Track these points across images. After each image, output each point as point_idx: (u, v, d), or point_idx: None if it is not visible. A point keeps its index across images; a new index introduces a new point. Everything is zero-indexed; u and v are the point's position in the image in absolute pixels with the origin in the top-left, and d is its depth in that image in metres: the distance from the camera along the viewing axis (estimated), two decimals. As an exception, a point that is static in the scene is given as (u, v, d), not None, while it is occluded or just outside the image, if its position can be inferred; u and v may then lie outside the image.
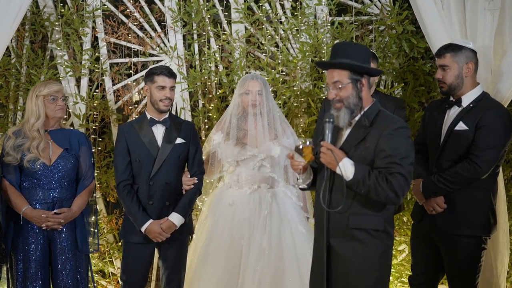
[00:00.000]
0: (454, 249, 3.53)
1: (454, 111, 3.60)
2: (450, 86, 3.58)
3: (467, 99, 3.57)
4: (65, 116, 3.70)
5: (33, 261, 3.58)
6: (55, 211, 3.58)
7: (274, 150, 3.92)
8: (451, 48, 3.57)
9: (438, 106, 3.74)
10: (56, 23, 4.76)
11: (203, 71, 4.81)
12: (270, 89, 4.11)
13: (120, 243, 4.77)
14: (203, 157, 3.97)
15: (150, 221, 3.60)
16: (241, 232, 3.80)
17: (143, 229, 3.60)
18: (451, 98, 3.66)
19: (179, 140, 3.70)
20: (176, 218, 3.66)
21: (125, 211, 3.70)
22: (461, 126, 3.51)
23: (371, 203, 2.85)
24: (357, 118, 2.90)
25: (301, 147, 2.89)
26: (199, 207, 4.33)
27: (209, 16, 4.81)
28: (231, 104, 4.05)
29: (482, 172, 3.47)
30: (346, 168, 2.79)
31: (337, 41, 4.77)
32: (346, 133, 2.94)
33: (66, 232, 3.65)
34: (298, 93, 4.76)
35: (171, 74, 3.66)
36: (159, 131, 3.69)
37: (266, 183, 3.93)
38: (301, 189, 3.15)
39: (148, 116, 3.69)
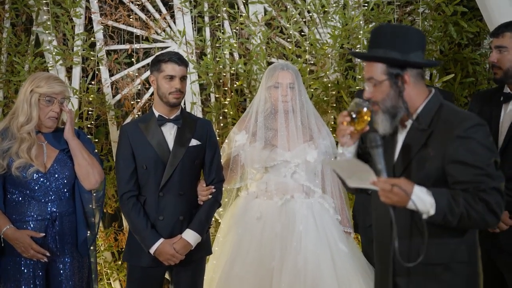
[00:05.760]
0: None
1: None
2: (506, 72, 3.21)
3: None
4: (56, 126, 3.32)
5: None
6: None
7: (310, 154, 3.61)
8: None
9: (488, 99, 3.34)
10: (43, 1, 4.46)
11: (219, 59, 4.50)
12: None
13: (119, 262, 4.49)
14: (222, 160, 3.65)
15: (161, 240, 3.28)
16: (271, 252, 3.50)
17: (152, 250, 3.27)
18: (507, 89, 3.26)
19: (193, 142, 3.37)
20: (191, 236, 3.32)
21: (130, 228, 3.36)
22: None
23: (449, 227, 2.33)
24: (410, 121, 2.40)
25: (359, 110, 2.34)
26: (219, 221, 4.02)
27: (224, -6, 4.54)
28: (256, 99, 3.74)
29: None
30: (424, 201, 2.21)
31: (372, 24, 4.42)
32: (400, 137, 2.42)
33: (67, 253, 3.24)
34: (329, 85, 4.42)
35: (181, 61, 3.35)
36: (169, 132, 3.37)
37: (300, 192, 3.62)
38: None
39: (156, 114, 3.37)
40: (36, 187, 3.16)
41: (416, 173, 2.32)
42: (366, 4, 4.43)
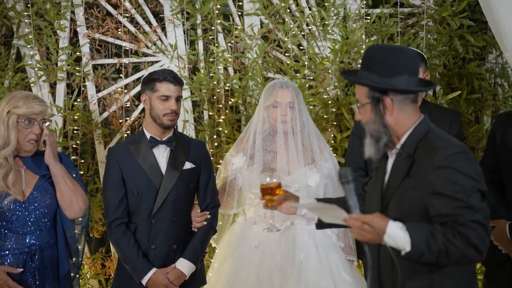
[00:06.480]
0: None
1: None
2: None
3: None
4: (36, 150, 3.16)
5: None
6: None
7: (312, 178, 3.53)
8: None
9: None
10: (25, 13, 4.36)
11: (213, 75, 4.40)
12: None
13: (107, 291, 4.38)
14: (217, 184, 3.59)
15: (154, 270, 3.21)
16: (270, 282, 3.39)
17: (144, 280, 3.19)
18: None
19: (187, 165, 3.30)
20: (185, 266, 3.25)
21: (120, 258, 3.27)
22: None
23: None
24: (398, 146, 2.37)
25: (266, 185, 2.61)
26: (213, 246, 3.92)
27: (218, 6, 4.37)
28: (253, 119, 3.64)
29: None
30: (396, 238, 2.17)
31: (374, 38, 4.35)
32: (389, 165, 2.37)
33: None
34: (329, 101, 4.31)
35: (177, 81, 3.28)
36: (162, 154, 3.30)
37: (300, 219, 3.44)
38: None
39: (148, 135, 3.29)
40: (14, 218, 3.01)
41: (398, 205, 2.28)
42: (368, 17, 4.35)
